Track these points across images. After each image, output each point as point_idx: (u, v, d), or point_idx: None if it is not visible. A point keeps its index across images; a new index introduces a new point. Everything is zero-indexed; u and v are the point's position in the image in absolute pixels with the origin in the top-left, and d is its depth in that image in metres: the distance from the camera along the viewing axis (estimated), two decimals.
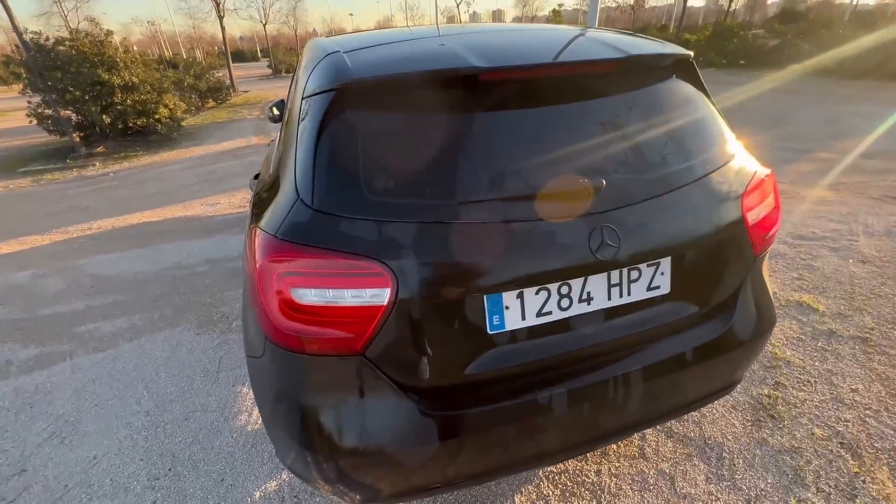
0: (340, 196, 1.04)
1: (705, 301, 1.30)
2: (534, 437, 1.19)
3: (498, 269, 1.05)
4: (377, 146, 1.07)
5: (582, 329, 1.18)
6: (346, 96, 1.08)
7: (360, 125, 1.08)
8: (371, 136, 1.07)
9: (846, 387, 2.00)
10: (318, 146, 1.08)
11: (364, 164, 1.05)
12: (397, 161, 1.06)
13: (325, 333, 1.02)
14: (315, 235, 1.01)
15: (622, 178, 1.13)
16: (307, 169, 1.08)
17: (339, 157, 1.06)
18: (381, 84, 1.08)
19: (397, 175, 1.05)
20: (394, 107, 1.08)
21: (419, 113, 1.08)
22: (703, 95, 1.37)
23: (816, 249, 3.19)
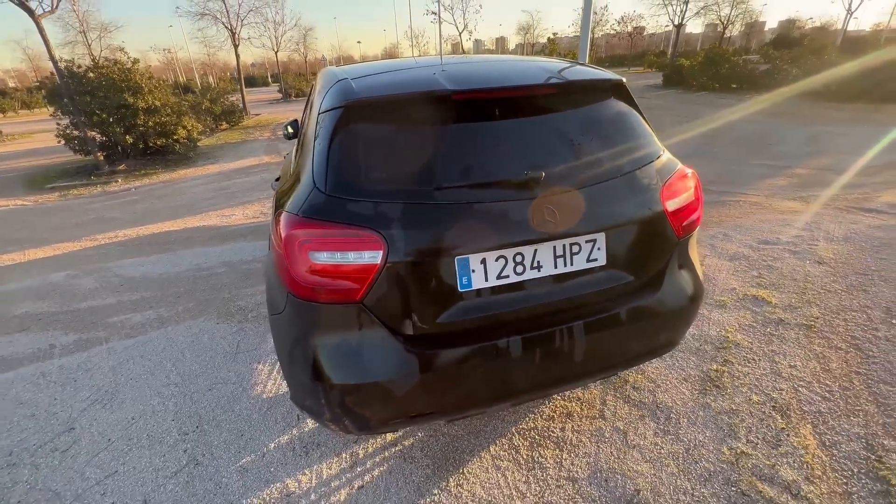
0: (346, 184, 1.39)
1: (637, 272, 1.62)
2: (496, 377, 1.50)
3: (464, 239, 1.39)
4: (374, 147, 1.43)
5: (534, 290, 1.51)
6: (352, 111, 1.45)
7: (362, 132, 1.44)
8: (370, 140, 1.44)
9: (786, 364, 2.29)
10: (331, 148, 1.44)
11: (364, 160, 1.41)
12: (389, 158, 1.42)
13: (333, 285, 1.35)
14: (327, 212, 1.36)
15: (561, 171, 1.47)
16: (322, 165, 1.44)
17: (346, 155, 1.42)
18: (377, 102, 1.45)
19: (389, 168, 1.41)
20: (388, 118, 1.45)
21: (406, 123, 1.45)
22: (634, 110, 1.73)
23: (778, 252, 3.50)
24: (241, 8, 16.33)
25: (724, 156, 6.78)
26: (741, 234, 3.89)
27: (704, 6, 26.96)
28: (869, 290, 2.90)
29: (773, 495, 1.63)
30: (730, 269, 3.28)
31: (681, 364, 2.32)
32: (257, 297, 3.28)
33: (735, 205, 4.64)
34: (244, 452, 1.95)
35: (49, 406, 2.32)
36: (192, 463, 1.91)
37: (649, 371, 2.28)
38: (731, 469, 1.74)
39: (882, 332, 2.48)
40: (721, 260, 3.44)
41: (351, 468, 1.85)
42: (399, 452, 1.90)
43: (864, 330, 2.51)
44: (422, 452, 1.90)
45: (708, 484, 1.69)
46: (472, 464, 1.83)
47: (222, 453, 1.95)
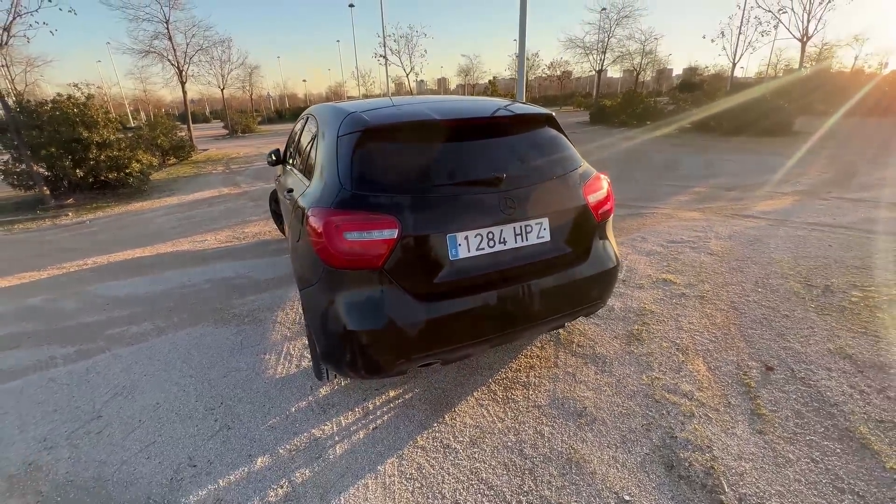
0: (367, 183, 1.95)
1: (573, 246, 2.28)
2: (478, 322, 2.06)
3: (453, 222, 1.97)
4: (385, 158, 2.00)
5: (502, 259, 2.11)
6: (368, 134, 2.03)
7: (375, 148, 2.02)
8: (381, 153, 2.01)
9: (686, 322, 3.05)
10: (353, 159, 1.99)
11: (379, 167, 1.98)
12: (397, 166, 2.00)
13: (364, 255, 1.87)
14: (355, 203, 1.90)
15: (516, 174, 2.13)
16: (347, 171, 1.98)
17: (364, 164, 1.98)
18: (387, 127, 2.04)
19: (397, 173, 1.98)
20: (394, 138, 2.04)
21: (408, 141, 2.05)
22: (561, 134, 2.45)
23: (681, 248, 4.42)
24: (188, 47, 16.44)
25: (642, 178, 8.02)
26: (655, 236, 4.82)
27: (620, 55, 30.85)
28: (744, 270, 3.83)
29: (676, 400, 2.29)
30: (647, 262, 4.11)
31: (612, 328, 3.01)
32: (250, 305, 3.61)
33: (650, 215, 5.64)
34: (270, 416, 2.32)
35: (69, 402, 2.52)
36: (225, 428, 2.25)
37: (589, 333, 2.94)
38: (648, 388, 2.39)
39: (752, 298, 3.34)
40: (640, 255, 4.28)
41: (364, 417, 2.28)
42: (402, 403, 2.37)
43: (739, 297, 3.36)
44: (420, 401, 2.38)
45: (633, 399, 2.32)
46: (461, 404, 2.34)
47: (250, 419, 2.30)
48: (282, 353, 2.89)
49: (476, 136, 2.15)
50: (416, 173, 2.00)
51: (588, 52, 30.22)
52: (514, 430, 2.16)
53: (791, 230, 4.82)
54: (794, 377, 2.43)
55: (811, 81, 19.52)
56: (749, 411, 2.20)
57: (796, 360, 2.57)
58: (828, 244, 4.34)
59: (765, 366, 2.54)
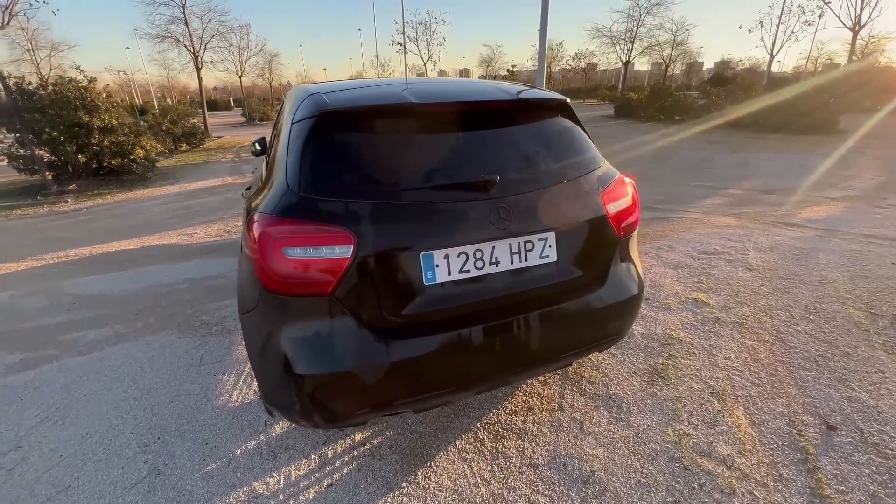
0: (318, 185, 1.51)
1: (585, 268, 1.80)
2: (460, 365, 1.62)
3: (428, 236, 1.52)
4: (345, 152, 1.56)
5: (493, 284, 1.65)
6: (324, 120, 1.58)
7: (333, 139, 1.57)
8: (341, 146, 1.57)
9: (721, 356, 2.53)
10: (304, 153, 1.55)
11: (336, 164, 1.53)
12: (359, 162, 1.55)
13: (306, 279, 1.44)
14: (300, 211, 1.47)
15: (515, 176, 1.65)
16: (295, 169, 1.55)
17: (318, 160, 1.54)
18: (347, 112, 1.59)
19: (359, 171, 1.54)
20: (357, 127, 1.59)
21: (375, 131, 1.59)
22: (577, 126, 1.95)
23: (715, 261, 3.85)
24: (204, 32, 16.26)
25: (669, 178, 7.37)
26: (684, 245, 4.26)
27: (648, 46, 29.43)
28: (791, 291, 3.26)
29: (711, 468, 1.80)
30: (674, 277, 3.58)
31: (631, 359, 2.52)
32: (222, 311, 3.24)
33: (678, 220, 5.06)
34: (209, 460, 1.93)
35: None
36: (154, 473, 1.87)
37: (602, 366, 2.46)
38: (674, 448, 1.91)
39: (801, 327, 2.79)
40: (666, 268, 3.74)
41: (320, 468, 1.87)
42: (368, 451, 1.95)
43: (786, 325, 2.82)
44: (390, 449, 1.95)
45: (654, 462, 1.84)
46: (439, 457, 1.91)
47: (186, 462, 1.92)
48: (242, 374, 2.50)
49: (465, 127, 1.68)
50: (383, 173, 1.55)
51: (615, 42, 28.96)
52: (501, 498, 1.72)
53: (844, 243, 4.19)
54: (865, 442, 1.90)
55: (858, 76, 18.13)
56: (808, 490, 1.70)
57: (866, 418, 2.04)
58: (891, 262, 3.71)
59: (825, 423, 2.02)
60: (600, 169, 1.90)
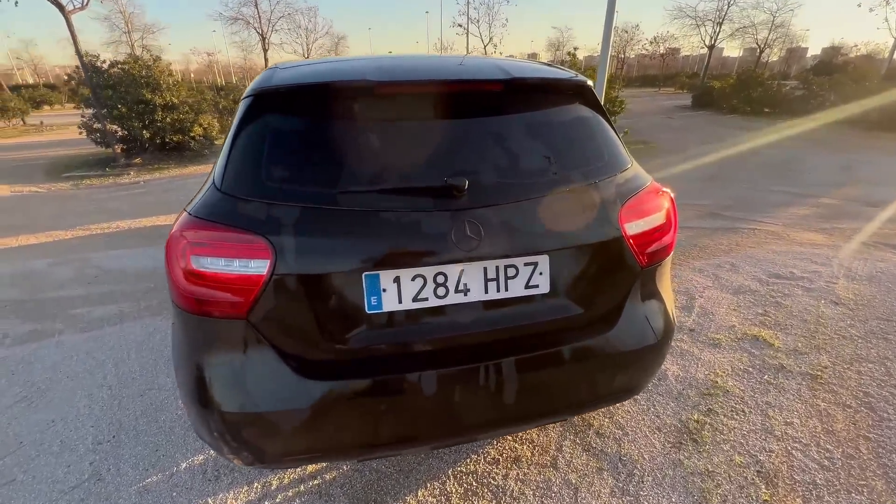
0: (243, 181, 1.22)
1: (588, 304, 1.38)
2: (408, 417, 1.28)
3: (373, 252, 1.19)
4: (281, 141, 1.26)
5: (459, 318, 1.29)
6: (260, 101, 1.29)
7: (269, 124, 1.27)
8: (277, 133, 1.26)
9: (780, 419, 1.97)
10: (235, 140, 1.27)
11: (268, 155, 1.24)
12: (295, 154, 1.24)
13: (216, 296, 1.17)
14: (216, 212, 1.20)
15: (496, 181, 1.26)
16: (223, 159, 1.28)
17: (248, 149, 1.25)
18: (288, 91, 1.28)
19: (293, 165, 1.23)
20: (299, 110, 1.28)
21: (320, 116, 1.27)
22: (599, 116, 1.50)
23: (790, 288, 3.14)
24: (272, 14, 16.78)
25: (745, 180, 6.37)
26: (751, 265, 3.55)
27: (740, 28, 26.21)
28: (891, 338, 2.54)
29: None
30: (731, 304, 2.95)
31: (656, 409, 2.04)
32: None
33: (749, 233, 4.28)
34: (152, 471, 1.77)
35: None
36: (95, 478, 1.75)
37: (618, 414, 2.01)
38: None
39: None
40: (723, 292, 3.11)
41: (259, 500, 1.65)
42: (316, 488, 1.69)
43: (880, 386, 2.16)
44: (341, 489, 1.68)
45: None
46: None
47: (129, 469, 1.78)
48: None
49: (438, 114, 1.31)
50: (322, 170, 1.23)
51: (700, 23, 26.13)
52: None
53: None
54: None
55: None
56: None
57: None
58: None
59: None
60: (623, 174, 1.44)
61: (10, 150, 11.58)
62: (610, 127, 1.52)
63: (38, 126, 17.26)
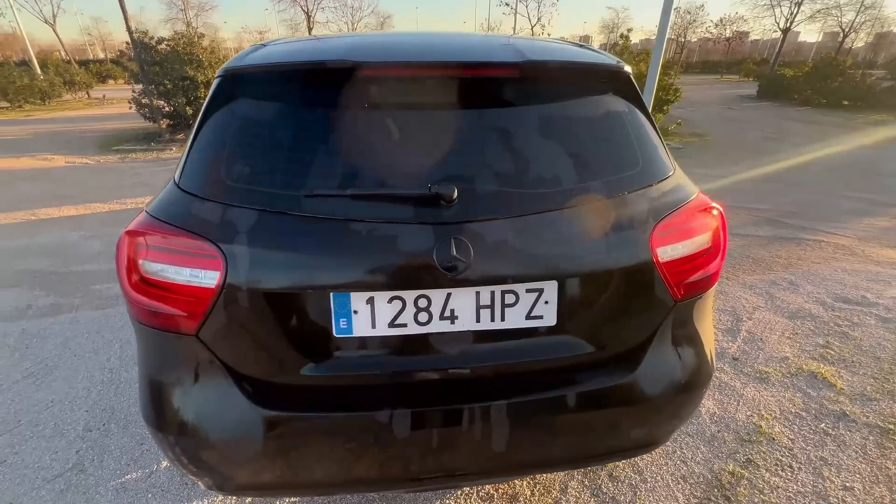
0: (202, 178, 1.06)
1: (602, 342, 1.14)
2: (380, 459, 1.11)
3: (342, 269, 1.00)
4: (245, 132, 1.08)
5: (445, 349, 1.09)
6: (227, 83, 1.12)
7: (235, 111, 1.10)
8: (242, 122, 1.09)
9: (838, 482, 1.65)
10: (198, 129, 1.11)
11: (230, 148, 1.07)
12: (260, 148, 1.07)
13: (163, 309, 1.03)
14: (171, 213, 1.05)
15: (494, 189, 1.04)
16: (186, 151, 1.12)
17: (210, 139, 1.09)
18: (255, 73, 1.10)
19: (255, 162, 1.05)
20: (268, 96, 1.10)
21: (290, 104, 1.09)
22: (638, 112, 1.22)
23: (860, 316, 2.70)
24: None
25: (813, 183, 5.68)
26: (814, 284, 3.09)
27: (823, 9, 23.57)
28: None
29: None
30: (786, 330, 2.57)
31: (684, 453, 1.76)
32: None
33: (814, 245, 3.76)
34: (132, 468, 1.72)
35: None
36: (77, 468, 1.72)
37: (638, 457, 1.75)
38: None
39: None
40: (777, 315, 2.72)
41: None
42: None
43: None
44: None
45: None
46: None
47: (111, 463, 1.74)
48: None
49: (432, 105, 1.09)
50: (284, 167, 1.04)
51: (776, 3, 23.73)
52: None
53: None
54: None
55: None
56: None
57: None
58: None
59: None
60: (661, 185, 1.17)
61: (74, 122, 12.32)
62: (650, 125, 1.24)
63: (101, 99, 18.31)
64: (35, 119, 12.96)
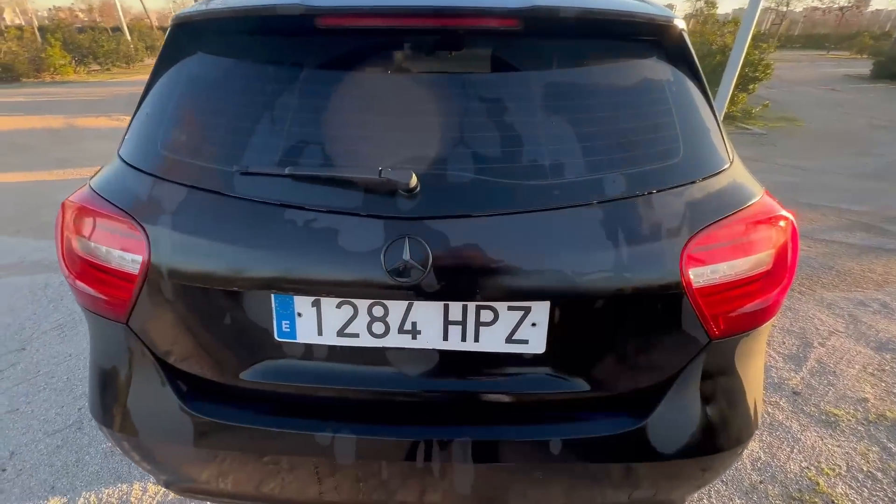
0: (138, 146, 0.94)
1: (605, 379, 0.90)
2: (317, 485, 0.97)
3: (278, 264, 0.84)
4: (188, 93, 0.93)
5: (404, 369, 0.91)
6: (175, 35, 0.95)
7: (183, 69, 0.95)
8: (187, 81, 0.93)
9: None
10: (144, 92, 0.97)
11: (171, 113, 0.92)
12: (199, 113, 0.91)
13: (90, 291, 0.93)
14: (107, 187, 0.94)
15: (471, 177, 0.80)
16: (133, 115, 0.99)
17: (153, 102, 0.95)
18: (202, 21, 0.93)
19: (194, 130, 0.90)
20: (213, 50, 0.93)
21: (236, 60, 0.91)
22: (688, 82, 0.92)
23: None
24: None
25: None
26: None
27: None
28: None
29: None
30: (869, 364, 2.11)
31: None
32: None
33: None
34: None
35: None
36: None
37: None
38: None
39: None
40: (860, 345, 2.25)
41: None
42: None
43: None
44: None
45: None
46: None
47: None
48: None
49: (406, 65, 0.87)
50: (221, 138, 0.88)
51: None
52: None
53: None
54: None
55: None
56: None
57: None
58: None
59: None
60: (708, 182, 0.87)
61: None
62: (704, 102, 0.93)
63: None
64: (119, 81, 13.99)
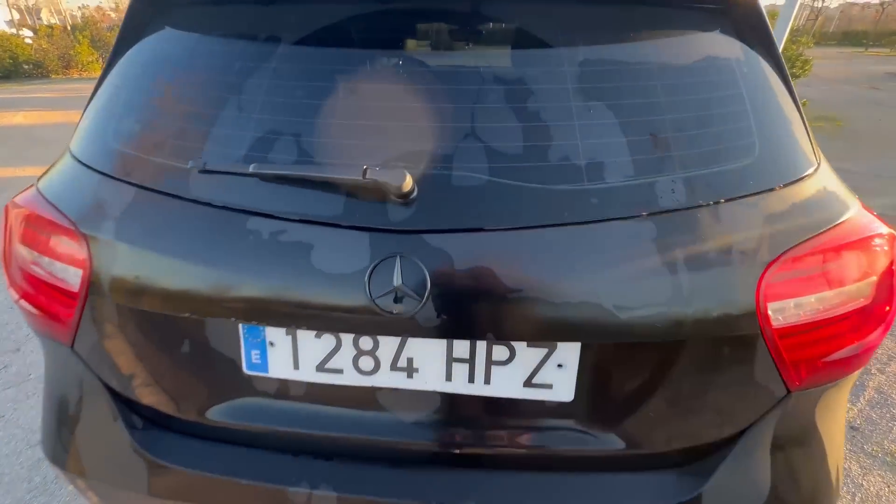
0: (88, 140, 0.80)
1: (649, 435, 0.71)
2: None
3: (242, 283, 0.68)
4: (147, 75, 0.77)
5: (397, 412, 0.74)
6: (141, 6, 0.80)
7: (146, 47, 0.80)
8: (151, 64, 0.79)
9: None
10: (100, 79, 0.83)
11: (126, 99, 0.77)
12: (158, 99, 0.75)
13: (30, 309, 0.79)
14: (53, 187, 0.80)
15: (483, 183, 0.63)
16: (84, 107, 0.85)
17: (108, 91, 0.81)
18: None
19: (149, 119, 0.75)
20: (176, 24, 0.77)
21: (201, 35, 0.76)
22: (765, 65, 0.72)
23: None
24: None
25: None
26: None
27: None
28: None
29: None
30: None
31: None
32: None
33: None
34: None
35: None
36: None
37: None
38: None
39: None
40: None
41: None
42: None
43: None
44: None
45: None
46: None
47: None
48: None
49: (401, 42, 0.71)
50: (180, 128, 0.72)
51: None
52: None
53: None
54: None
55: None
56: None
57: None
58: None
59: None
60: (792, 190, 0.68)
61: None
62: (784, 88, 0.73)
63: None
64: None
